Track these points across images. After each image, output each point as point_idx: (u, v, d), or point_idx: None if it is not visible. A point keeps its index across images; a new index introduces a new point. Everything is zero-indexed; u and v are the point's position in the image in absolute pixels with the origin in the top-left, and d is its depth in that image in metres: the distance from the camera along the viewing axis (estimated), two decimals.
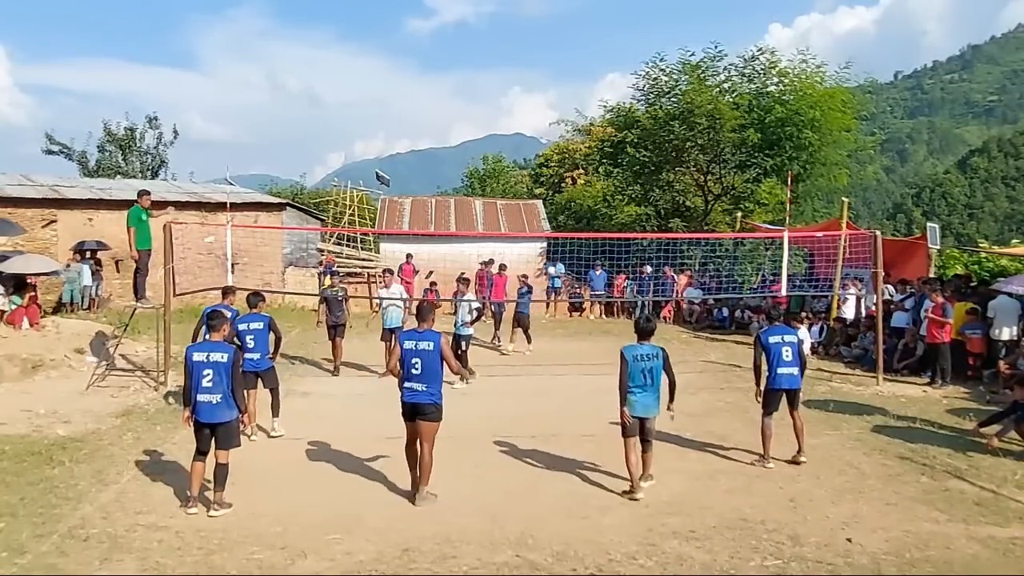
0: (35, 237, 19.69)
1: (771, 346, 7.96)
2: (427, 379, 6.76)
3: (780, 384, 7.93)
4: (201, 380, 6.59)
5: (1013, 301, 12.44)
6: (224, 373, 6.62)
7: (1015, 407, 8.62)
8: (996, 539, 6.09)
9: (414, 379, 6.78)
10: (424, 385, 6.75)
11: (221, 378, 6.61)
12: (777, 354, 7.91)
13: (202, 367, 6.61)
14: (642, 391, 6.98)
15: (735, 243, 21.61)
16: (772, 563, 5.65)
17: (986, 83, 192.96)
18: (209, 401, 6.58)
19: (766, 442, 7.96)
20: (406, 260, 21.27)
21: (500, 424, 9.38)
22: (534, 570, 5.50)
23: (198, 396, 6.60)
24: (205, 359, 6.66)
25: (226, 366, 6.65)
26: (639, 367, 6.98)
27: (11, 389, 10.84)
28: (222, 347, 6.82)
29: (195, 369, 6.62)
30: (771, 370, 7.95)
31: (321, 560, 5.59)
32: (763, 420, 8.00)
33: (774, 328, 8.28)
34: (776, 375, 7.92)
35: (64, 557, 5.55)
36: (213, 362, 6.64)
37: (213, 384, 6.58)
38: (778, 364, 7.89)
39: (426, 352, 6.76)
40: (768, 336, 8.06)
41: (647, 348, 7.12)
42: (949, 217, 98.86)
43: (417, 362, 6.75)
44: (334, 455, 8.29)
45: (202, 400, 6.58)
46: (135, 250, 11.67)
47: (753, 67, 25.12)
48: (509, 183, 45.97)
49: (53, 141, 35.19)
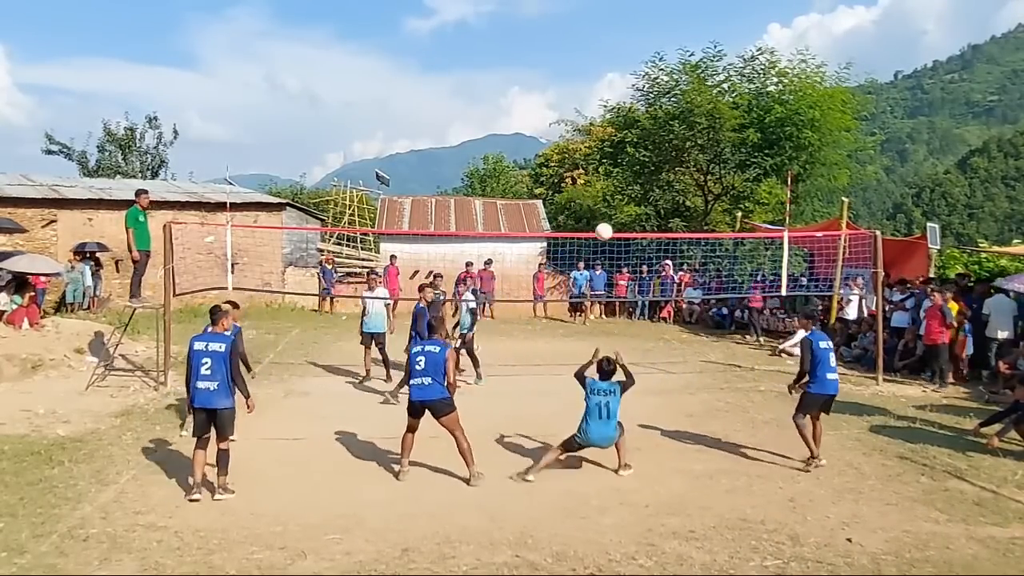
0: (35, 237, 19.71)
1: (821, 351, 7.93)
2: (432, 373, 7.24)
3: (826, 390, 7.92)
4: (200, 368, 6.84)
5: (1009, 301, 12.44)
6: (222, 362, 6.86)
7: (1015, 407, 8.62)
8: (996, 539, 6.09)
9: (419, 375, 7.28)
10: (428, 379, 7.24)
11: (219, 366, 6.85)
12: (825, 359, 7.91)
13: (201, 355, 6.89)
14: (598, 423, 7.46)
15: (735, 243, 21.61)
16: (772, 563, 5.65)
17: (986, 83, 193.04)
18: (207, 388, 6.83)
19: (810, 442, 7.91)
20: (390, 262, 21.27)
21: (500, 424, 9.38)
22: (533, 570, 5.50)
23: (197, 383, 6.85)
24: (204, 348, 6.93)
25: (224, 355, 6.90)
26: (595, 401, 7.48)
27: (11, 389, 10.83)
28: (221, 337, 7.08)
29: (194, 358, 6.90)
30: (818, 375, 7.89)
31: (321, 560, 5.59)
32: (799, 421, 7.91)
33: (819, 333, 8.27)
34: (824, 380, 7.89)
35: (64, 557, 5.55)
36: (212, 351, 6.90)
37: (211, 372, 6.83)
38: (826, 369, 7.89)
39: (431, 353, 7.33)
40: (818, 341, 8.03)
41: (606, 385, 7.59)
42: (949, 217, 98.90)
43: (422, 360, 7.29)
44: (334, 455, 8.30)
45: (200, 387, 6.84)
46: (135, 251, 11.62)
47: (753, 67, 25.13)
48: (509, 183, 45.98)
49: (53, 141, 35.23)
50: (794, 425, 7.97)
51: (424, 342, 7.69)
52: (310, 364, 13.70)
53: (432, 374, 7.24)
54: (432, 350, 7.35)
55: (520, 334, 18.17)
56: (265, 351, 14.97)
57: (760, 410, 10.62)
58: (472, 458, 7.33)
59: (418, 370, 7.26)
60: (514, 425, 9.40)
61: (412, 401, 7.36)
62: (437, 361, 7.27)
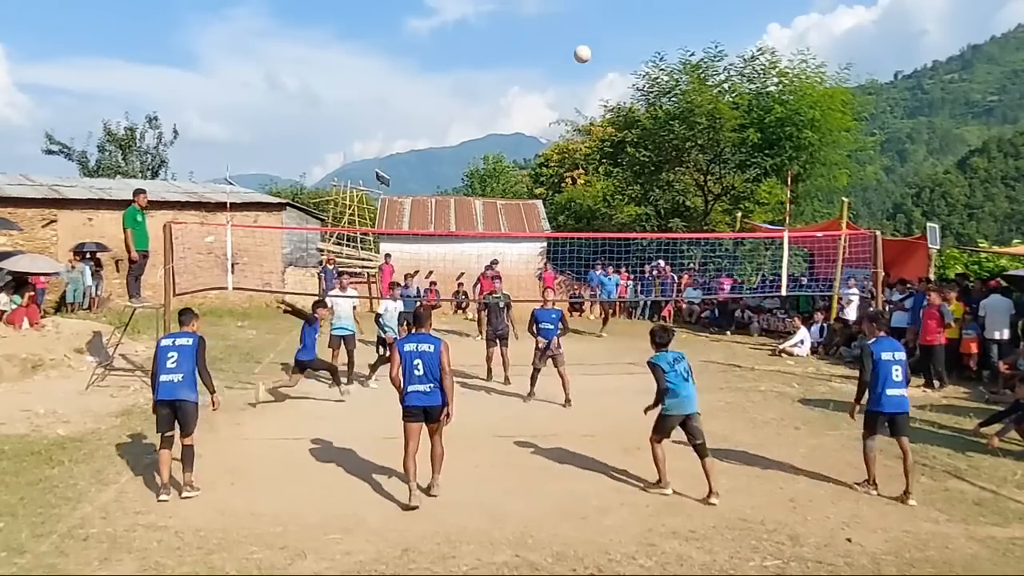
0: (35, 237, 19.71)
1: (882, 363, 7.08)
2: (431, 380, 6.81)
3: (885, 407, 7.08)
4: (166, 361, 6.89)
5: (1005, 300, 12.45)
6: (188, 356, 6.94)
7: (1015, 407, 8.62)
8: (996, 539, 6.09)
9: (418, 381, 6.80)
10: (430, 385, 6.80)
11: (185, 360, 6.92)
12: (887, 372, 7.06)
13: (167, 350, 6.96)
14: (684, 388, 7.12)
15: (735, 243, 21.61)
16: (772, 563, 5.64)
17: (986, 83, 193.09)
18: (171, 380, 6.84)
19: (871, 465, 7.24)
20: (385, 260, 21.24)
21: (500, 424, 9.38)
22: (533, 570, 5.49)
23: (161, 376, 6.86)
24: (172, 343, 7.04)
25: (191, 349, 6.98)
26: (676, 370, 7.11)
27: (11, 389, 10.83)
28: (189, 334, 7.18)
29: (160, 353, 6.96)
30: (878, 389, 7.09)
31: (321, 560, 5.59)
32: (866, 443, 7.25)
33: (886, 341, 7.31)
34: (884, 396, 7.05)
35: (64, 557, 5.54)
36: (179, 345, 7.00)
37: (176, 365, 6.88)
38: (887, 384, 7.05)
39: (427, 354, 6.84)
40: (881, 351, 7.13)
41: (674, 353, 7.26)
42: (949, 217, 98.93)
43: (419, 363, 6.80)
44: (334, 455, 8.29)
45: (164, 380, 6.85)
46: (134, 251, 11.59)
47: (753, 67, 25.16)
48: (509, 183, 46.01)
49: (53, 141, 35.25)
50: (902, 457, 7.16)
51: (415, 339, 7.02)
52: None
53: (432, 380, 6.81)
54: (427, 350, 6.85)
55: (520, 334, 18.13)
56: (265, 351, 14.96)
57: (760, 410, 10.62)
58: (440, 467, 7.03)
59: (417, 376, 6.78)
60: (514, 425, 9.39)
61: (412, 407, 6.80)
62: (434, 363, 6.81)
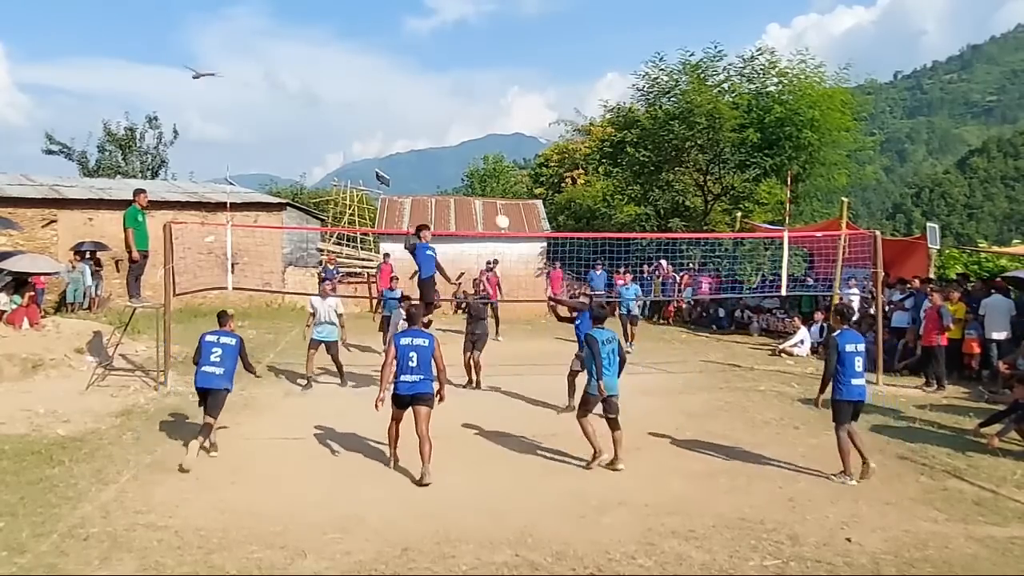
0: (35, 237, 19.71)
1: (846, 354, 7.43)
2: (423, 371, 7.47)
3: (852, 395, 7.43)
4: (210, 355, 7.97)
5: (1006, 300, 12.45)
6: (231, 354, 8.06)
7: (1015, 407, 8.62)
8: (995, 539, 6.10)
9: (410, 371, 7.44)
10: (421, 376, 7.45)
11: (228, 356, 8.02)
12: (851, 363, 7.42)
13: (212, 345, 8.06)
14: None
15: (735, 243, 21.62)
16: (771, 563, 5.65)
17: (985, 83, 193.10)
18: (212, 372, 7.93)
19: (846, 457, 7.44)
20: (384, 260, 21.23)
21: (500, 424, 9.39)
22: (533, 569, 5.50)
23: (203, 367, 7.93)
24: (216, 340, 8.11)
25: (234, 349, 8.10)
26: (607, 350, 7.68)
27: (11, 389, 10.83)
28: (230, 334, 8.27)
29: (205, 347, 8.04)
30: (843, 379, 7.42)
31: (321, 560, 5.59)
32: (839, 434, 7.48)
33: (849, 333, 7.66)
34: (849, 385, 7.41)
35: (64, 556, 5.55)
36: (223, 343, 8.09)
37: (220, 360, 7.98)
38: (851, 374, 7.41)
39: (422, 348, 7.50)
40: (845, 342, 7.48)
41: (609, 333, 7.86)
42: (949, 217, 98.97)
43: (413, 356, 7.45)
44: (334, 455, 8.31)
45: (206, 371, 7.92)
46: (135, 251, 11.58)
47: (752, 67, 25.15)
48: (509, 183, 46.02)
49: (53, 141, 35.21)
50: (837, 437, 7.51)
51: (411, 334, 7.60)
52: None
53: (424, 371, 7.46)
54: (421, 344, 7.50)
55: (520, 335, 18.18)
56: (265, 351, 14.98)
57: (760, 410, 10.62)
58: (429, 457, 7.34)
59: (411, 367, 7.42)
60: (514, 425, 9.40)
61: (400, 395, 7.48)
62: (427, 357, 7.47)
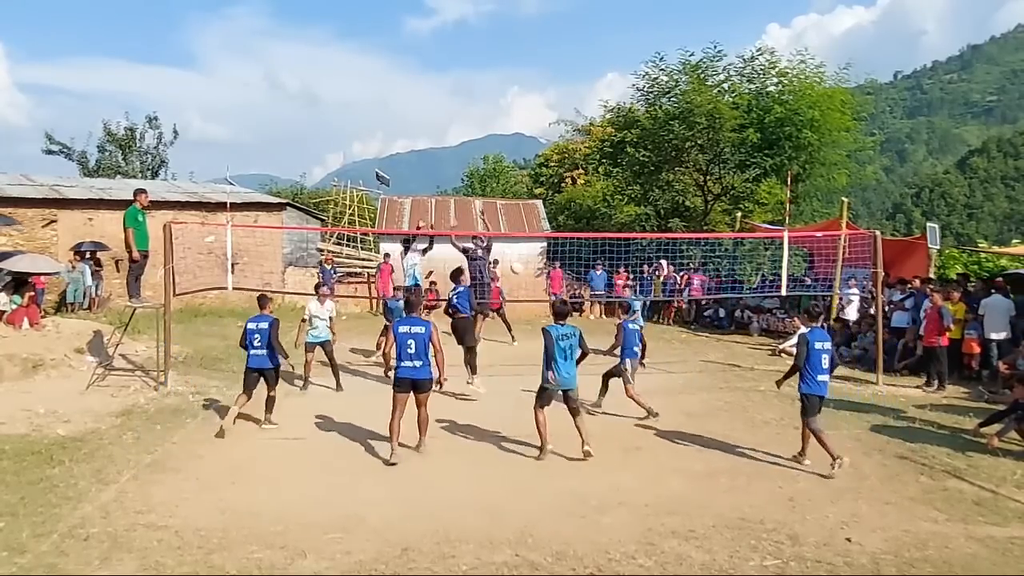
0: (35, 237, 19.70)
1: (814, 351, 7.83)
2: (421, 357, 7.98)
3: (819, 391, 7.84)
4: (253, 340, 9.23)
5: (1005, 300, 12.45)
6: (265, 336, 9.20)
7: (1015, 407, 8.63)
8: (995, 539, 6.10)
9: (410, 357, 7.96)
10: (420, 362, 7.98)
11: (264, 339, 9.21)
12: (818, 359, 7.82)
13: (253, 332, 9.26)
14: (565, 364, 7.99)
15: (735, 243, 21.62)
16: (771, 563, 5.65)
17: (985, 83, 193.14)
18: (258, 354, 9.24)
19: (828, 444, 7.74)
20: (384, 260, 21.22)
21: (500, 424, 9.39)
22: (533, 569, 5.50)
23: (250, 351, 9.25)
24: (256, 327, 9.28)
25: (266, 331, 9.22)
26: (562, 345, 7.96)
27: (11, 389, 10.83)
28: (265, 318, 9.41)
29: (249, 334, 9.28)
30: (811, 374, 7.82)
31: (321, 560, 5.60)
32: (811, 425, 7.84)
33: (818, 331, 8.09)
34: (816, 381, 7.82)
35: (64, 557, 5.55)
36: (260, 328, 9.25)
37: (260, 343, 9.21)
38: (818, 370, 7.82)
39: (419, 335, 7.98)
40: (815, 340, 7.90)
41: (567, 328, 8.09)
42: (949, 217, 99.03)
43: (412, 343, 7.95)
44: (334, 455, 8.31)
45: (253, 354, 9.24)
46: (136, 251, 11.58)
47: (752, 67, 25.14)
48: (509, 183, 46.00)
49: (53, 141, 35.17)
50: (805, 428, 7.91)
51: (408, 322, 8.11)
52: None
53: (423, 356, 7.97)
54: (419, 331, 7.98)
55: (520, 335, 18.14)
56: None
57: (760, 410, 10.63)
58: (425, 430, 8.31)
59: (410, 353, 7.94)
60: (514, 425, 9.39)
61: (401, 378, 8.00)
62: (424, 342, 7.97)
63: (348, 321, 18.56)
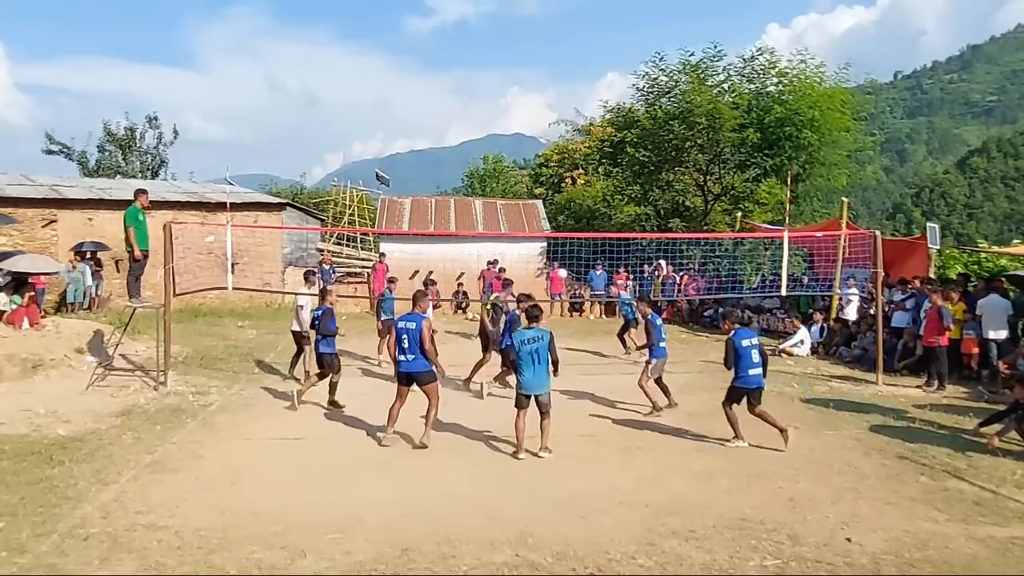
0: (35, 237, 19.73)
1: (742, 349, 8.50)
2: (415, 351, 8.31)
3: (749, 384, 8.54)
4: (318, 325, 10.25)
5: (1003, 300, 12.44)
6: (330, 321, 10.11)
7: (1015, 407, 8.62)
8: (995, 539, 6.09)
9: (405, 352, 8.36)
10: (413, 356, 8.34)
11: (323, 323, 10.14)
12: (747, 356, 8.49)
13: (316, 318, 10.34)
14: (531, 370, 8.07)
15: (735, 243, 21.62)
16: (772, 563, 5.64)
17: (985, 83, 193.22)
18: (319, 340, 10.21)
19: (736, 425, 8.65)
20: (379, 259, 21.27)
21: (499, 424, 9.37)
22: (534, 570, 5.50)
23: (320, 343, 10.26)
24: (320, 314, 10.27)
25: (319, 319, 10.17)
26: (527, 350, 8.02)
27: (11, 389, 10.84)
28: (322, 309, 10.30)
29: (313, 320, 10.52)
30: (741, 370, 8.52)
31: (321, 560, 5.59)
32: (728, 411, 8.71)
33: (742, 331, 8.71)
34: (747, 375, 8.52)
35: (64, 557, 5.54)
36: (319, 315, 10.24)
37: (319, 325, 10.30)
38: (747, 366, 8.50)
39: (411, 330, 8.35)
40: (740, 340, 8.55)
41: (533, 332, 8.15)
42: (949, 217, 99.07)
43: (406, 338, 8.35)
44: (334, 455, 8.30)
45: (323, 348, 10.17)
46: (137, 250, 11.56)
47: (752, 67, 25.15)
48: (509, 183, 46.02)
49: (53, 141, 35.24)
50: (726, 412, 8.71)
51: (405, 318, 8.53)
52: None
53: (415, 350, 8.30)
54: (410, 327, 8.36)
55: None
56: (265, 351, 14.99)
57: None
58: (431, 424, 8.47)
59: (404, 347, 8.35)
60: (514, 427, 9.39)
61: (400, 372, 8.51)
62: (416, 337, 8.30)
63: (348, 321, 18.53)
